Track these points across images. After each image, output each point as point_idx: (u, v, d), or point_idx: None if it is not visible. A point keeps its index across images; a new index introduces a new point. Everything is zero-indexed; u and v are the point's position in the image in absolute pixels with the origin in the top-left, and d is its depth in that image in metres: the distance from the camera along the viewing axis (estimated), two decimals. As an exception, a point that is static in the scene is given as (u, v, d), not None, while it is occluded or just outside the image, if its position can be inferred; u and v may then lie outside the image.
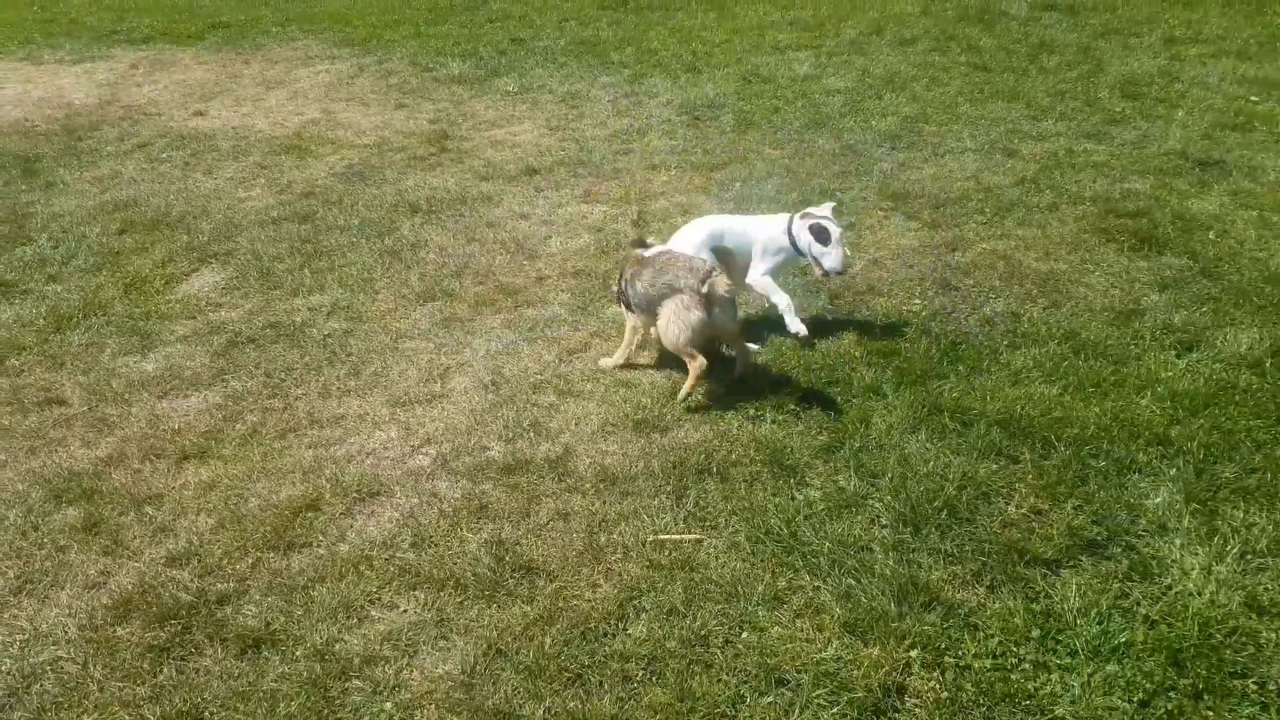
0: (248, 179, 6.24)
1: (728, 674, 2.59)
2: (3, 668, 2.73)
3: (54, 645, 2.79)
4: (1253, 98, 6.77)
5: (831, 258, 3.99)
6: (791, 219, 4.10)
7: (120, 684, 2.65)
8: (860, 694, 2.52)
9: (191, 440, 3.67)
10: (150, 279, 4.93)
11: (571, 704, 2.53)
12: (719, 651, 2.66)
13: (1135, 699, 2.48)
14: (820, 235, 3.98)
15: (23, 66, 9.29)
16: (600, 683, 2.59)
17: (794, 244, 4.08)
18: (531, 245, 5.13)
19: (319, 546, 3.13)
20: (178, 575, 3.02)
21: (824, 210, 4.08)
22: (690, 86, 7.72)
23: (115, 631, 2.82)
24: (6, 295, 4.81)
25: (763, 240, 4.12)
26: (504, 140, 6.74)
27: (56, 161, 6.64)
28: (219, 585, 2.98)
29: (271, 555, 3.09)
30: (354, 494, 3.34)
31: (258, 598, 2.93)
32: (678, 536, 3.07)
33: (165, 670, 2.69)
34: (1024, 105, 6.83)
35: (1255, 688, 2.49)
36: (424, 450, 3.57)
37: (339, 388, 3.97)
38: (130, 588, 2.98)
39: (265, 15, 11.03)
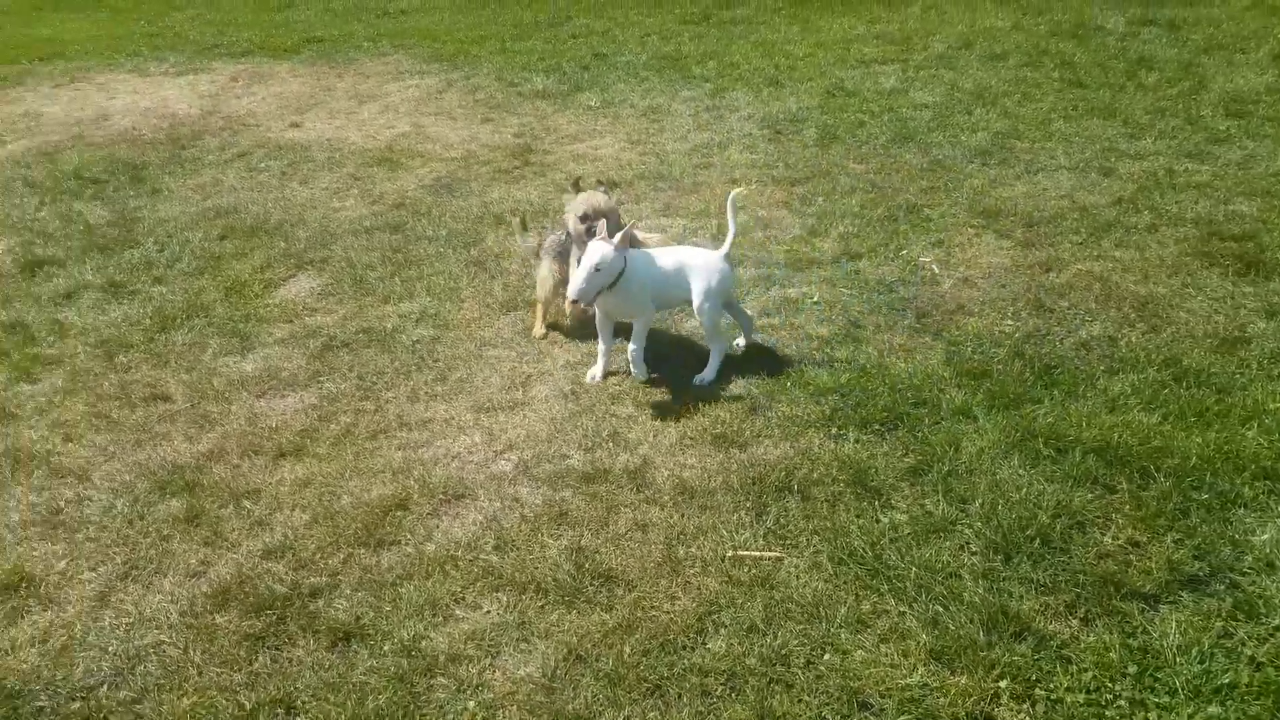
0: (342, 189, 6.43)
1: (809, 695, 2.56)
2: (110, 648, 2.85)
3: (157, 629, 2.91)
4: (1370, 117, 6.46)
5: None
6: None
7: (218, 669, 2.75)
8: (946, 722, 2.46)
9: (288, 438, 3.79)
10: (250, 283, 5.11)
11: (650, 714, 2.53)
12: (800, 672, 2.63)
13: None
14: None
15: (130, 78, 9.74)
16: (679, 695, 2.58)
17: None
18: (612, 258, 5.18)
19: (407, 545, 3.20)
20: (273, 567, 3.12)
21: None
22: (772, 100, 7.70)
23: (214, 619, 2.93)
24: (116, 295, 5.05)
25: None
26: (585, 154, 6.82)
27: (162, 169, 6.94)
28: (312, 579, 3.07)
29: (362, 551, 3.17)
30: (440, 495, 3.41)
31: (348, 592, 3.00)
32: (757, 553, 3.05)
33: (260, 658, 2.78)
34: (1121, 123, 6.64)
35: (1371, 738, 2.35)
36: (506, 456, 3.63)
37: (426, 392, 4.06)
38: (229, 577, 3.09)
39: (357, 30, 11.37)
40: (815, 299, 4.59)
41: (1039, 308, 4.40)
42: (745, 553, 3.06)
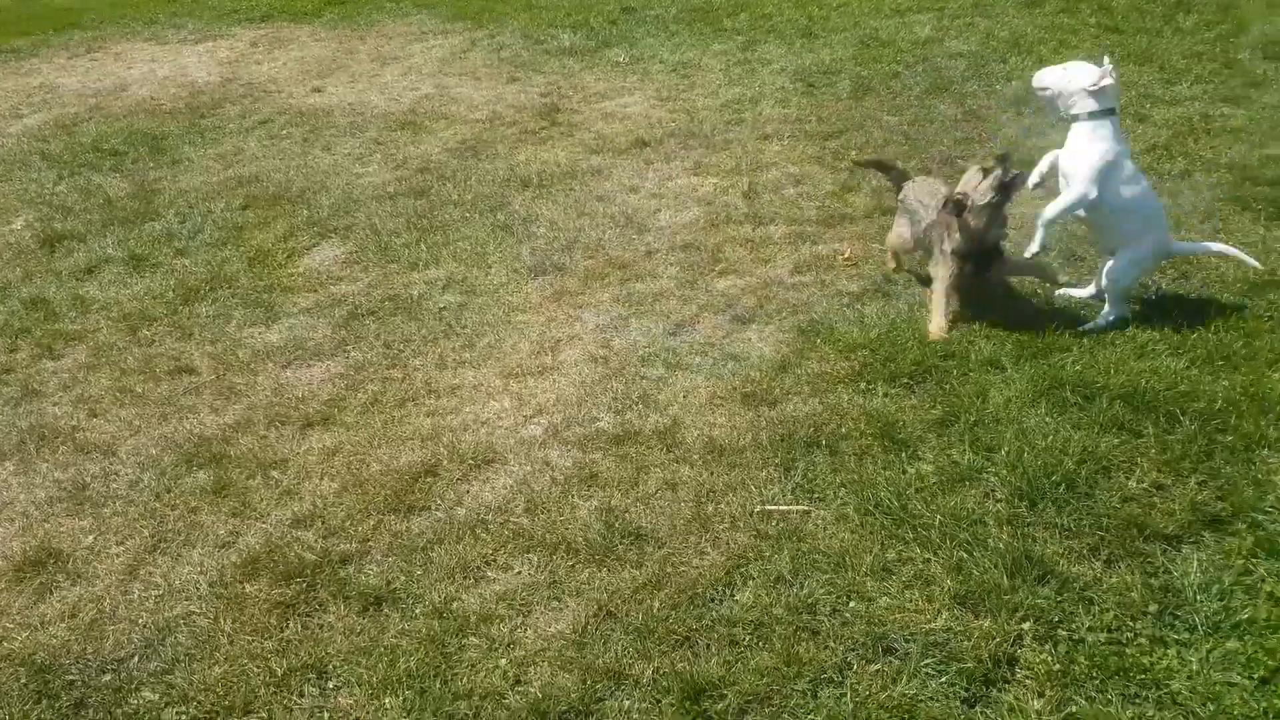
0: (365, 155, 6.41)
1: (835, 641, 2.60)
2: (140, 620, 2.90)
3: (186, 600, 2.96)
4: None
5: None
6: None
7: (249, 638, 2.80)
8: (970, 664, 2.49)
9: (315, 408, 3.82)
10: (273, 253, 5.12)
11: (680, 665, 2.57)
12: (826, 619, 2.67)
13: (1255, 676, 2.40)
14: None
15: (148, 47, 9.63)
16: (707, 645, 2.63)
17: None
18: (641, 219, 5.14)
19: (437, 510, 3.24)
20: (303, 536, 3.16)
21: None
22: (805, 52, 7.56)
23: (244, 588, 2.98)
24: (138, 268, 5.05)
25: None
26: (614, 112, 6.74)
27: (181, 139, 6.90)
28: (342, 546, 3.11)
29: (392, 518, 3.21)
30: (470, 461, 3.44)
31: (379, 558, 3.05)
32: (785, 508, 3.07)
33: (291, 625, 2.83)
34: (1157, 68, 6.46)
35: (1386, 666, 2.38)
36: (536, 420, 3.64)
37: (454, 359, 4.08)
38: (258, 547, 3.13)
39: (380, -10, 11.23)
40: (847, 255, 4.56)
41: (1070, 257, 4.34)
42: (773, 507, 3.08)
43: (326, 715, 2.57)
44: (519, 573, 2.94)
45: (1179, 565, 2.72)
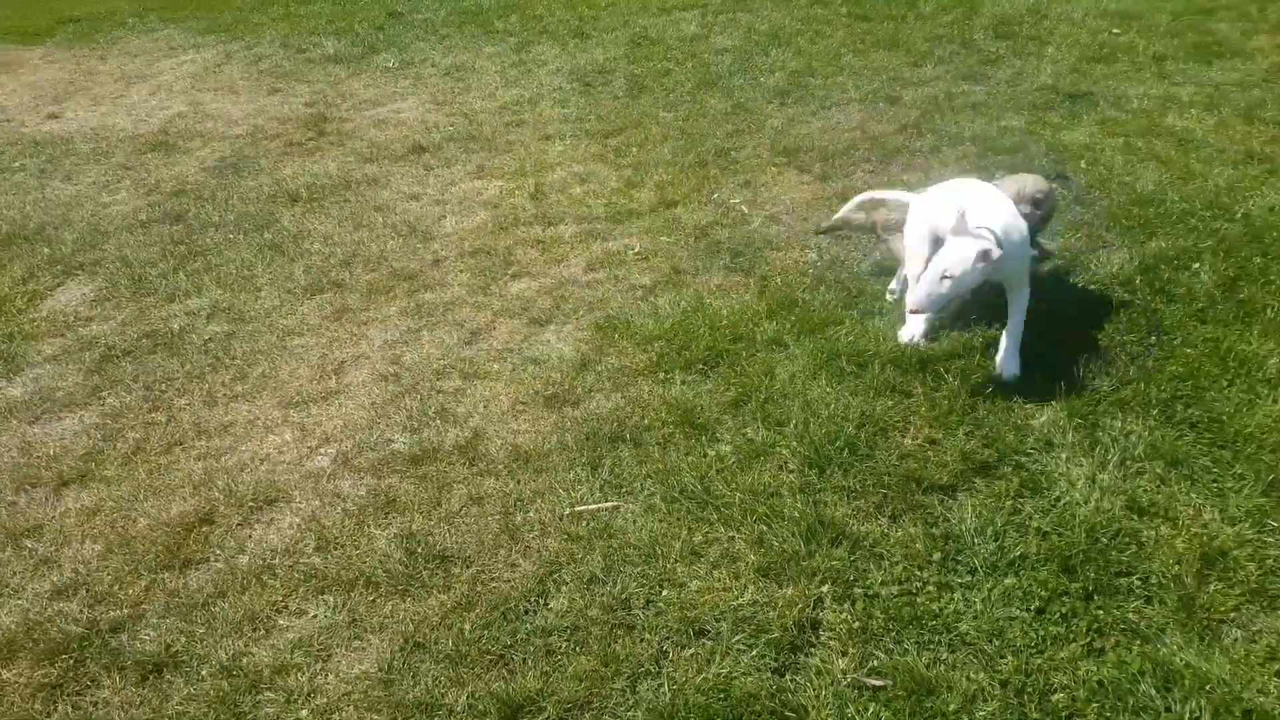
0: (112, 182, 5.91)
1: (650, 633, 2.60)
2: (-128, 732, 2.53)
3: (-67, 699, 2.61)
4: (1114, 31, 6.99)
5: None
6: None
7: (11, 729, 2.50)
8: (777, 634, 2.56)
9: (69, 464, 3.47)
10: (10, 298, 4.63)
11: (495, 685, 2.50)
12: (640, 612, 2.67)
13: (1032, 607, 2.59)
14: None
15: None
16: (523, 660, 2.56)
17: None
18: (425, 227, 4.99)
19: (217, 561, 3.00)
20: (65, 608, 2.86)
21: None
22: (579, 52, 7.60)
23: (1, 675, 2.65)
24: None
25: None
26: (387, 119, 6.54)
27: (-105, 182, 6.16)
28: (112, 613, 2.83)
29: (166, 575, 2.95)
30: (250, 503, 3.21)
31: (155, 621, 2.79)
32: (594, 507, 3.05)
33: (60, 708, 2.55)
34: (904, 52, 6.92)
35: (1139, 583, 2.63)
36: (323, 450, 3.44)
37: (225, 394, 3.80)
38: (13, 627, 2.80)
39: (120, 6, 10.44)
40: (637, 249, 4.60)
41: (838, 237, 4.55)
42: (583, 508, 3.05)
43: (105, 804, 2.33)
44: (314, 616, 2.76)
45: (956, 513, 2.91)
